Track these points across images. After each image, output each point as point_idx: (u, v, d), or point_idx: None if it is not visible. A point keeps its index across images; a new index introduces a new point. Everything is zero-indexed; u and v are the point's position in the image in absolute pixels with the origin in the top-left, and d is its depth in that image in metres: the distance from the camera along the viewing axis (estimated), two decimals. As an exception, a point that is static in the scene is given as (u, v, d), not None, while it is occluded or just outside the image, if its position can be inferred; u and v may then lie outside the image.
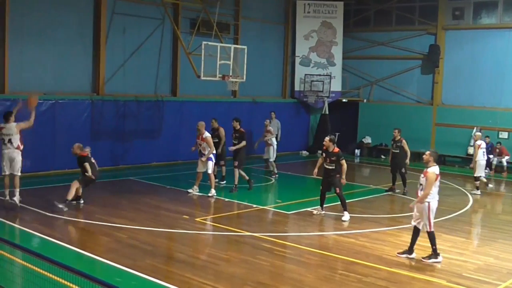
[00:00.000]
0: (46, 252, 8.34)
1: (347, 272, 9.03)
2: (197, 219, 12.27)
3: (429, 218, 9.61)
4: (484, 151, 16.82)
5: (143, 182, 16.67)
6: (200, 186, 14.95)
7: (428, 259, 9.68)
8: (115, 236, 10.63)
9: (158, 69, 20.31)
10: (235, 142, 15.48)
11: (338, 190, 12.61)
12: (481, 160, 16.66)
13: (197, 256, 9.79)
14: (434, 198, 9.66)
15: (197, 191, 14.88)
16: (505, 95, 21.77)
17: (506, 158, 20.87)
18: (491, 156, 21.12)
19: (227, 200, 14.46)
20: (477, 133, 17.90)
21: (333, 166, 12.67)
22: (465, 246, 10.94)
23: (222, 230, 11.47)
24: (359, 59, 25.88)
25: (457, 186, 17.82)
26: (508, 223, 13.19)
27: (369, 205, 14.70)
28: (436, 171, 9.60)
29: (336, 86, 25.49)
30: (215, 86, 20.56)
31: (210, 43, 17.19)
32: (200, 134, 14.68)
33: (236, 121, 15.63)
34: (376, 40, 25.28)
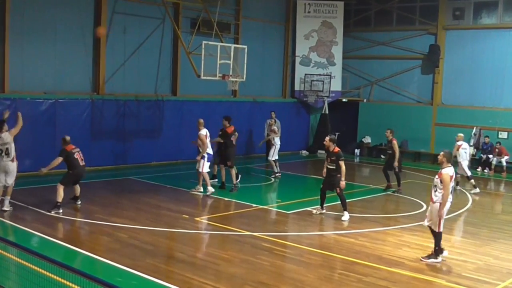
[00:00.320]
0: (47, 251, 8.36)
1: (347, 272, 9.04)
2: (197, 219, 12.30)
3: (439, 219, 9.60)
4: (466, 151, 16.80)
5: (143, 181, 16.68)
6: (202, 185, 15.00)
7: (427, 259, 9.69)
8: (116, 235, 10.64)
9: (159, 68, 20.31)
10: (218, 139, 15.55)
11: (339, 190, 12.62)
12: (463, 160, 16.68)
13: (197, 255, 9.80)
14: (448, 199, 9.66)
15: (200, 191, 14.92)
16: (505, 95, 21.79)
17: (506, 158, 20.88)
18: (491, 156, 21.15)
19: (227, 199, 14.48)
20: (459, 134, 17.58)
21: (333, 166, 12.68)
22: (465, 246, 10.94)
23: (223, 230, 11.49)
24: (359, 59, 25.88)
25: (457, 186, 17.80)
26: (508, 223, 13.20)
27: (369, 205, 14.71)
28: (450, 172, 9.60)
29: (336, 86, 25.50)
30: (215, 86, 20.57)
31: (210, 43, 17.20)
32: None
33: (225, 119, 15.53)
34: (376, 40, 25.28)
